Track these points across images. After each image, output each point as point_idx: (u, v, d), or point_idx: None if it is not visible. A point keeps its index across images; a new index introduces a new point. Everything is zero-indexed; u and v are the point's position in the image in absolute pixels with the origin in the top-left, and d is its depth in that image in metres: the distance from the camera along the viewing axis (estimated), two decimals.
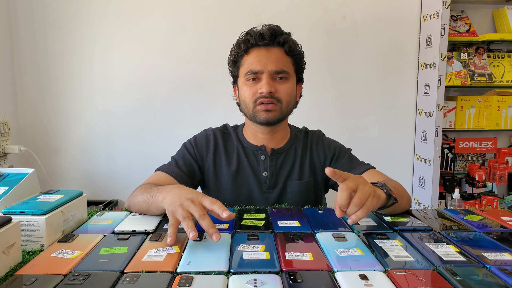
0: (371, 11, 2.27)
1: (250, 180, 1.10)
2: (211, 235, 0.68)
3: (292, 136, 1.16)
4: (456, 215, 0.90)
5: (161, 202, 0.80)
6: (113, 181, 2.30)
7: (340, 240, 0.72)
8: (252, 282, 0.56)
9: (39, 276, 0.58)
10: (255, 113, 1.05)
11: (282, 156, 1.12)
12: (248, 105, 1.06)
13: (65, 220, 0.76)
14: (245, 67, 1.05)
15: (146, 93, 2.26)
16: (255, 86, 1.04)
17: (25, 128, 2.26)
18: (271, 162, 1.10)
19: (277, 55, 1.04)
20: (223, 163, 1.11)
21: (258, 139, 1.12)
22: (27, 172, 0.88)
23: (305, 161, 1.13)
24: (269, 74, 1.03)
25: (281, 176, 1.10)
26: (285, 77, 1.05)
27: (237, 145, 1.13)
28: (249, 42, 1.04)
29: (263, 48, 1.04)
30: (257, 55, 1.04)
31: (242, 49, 1.05)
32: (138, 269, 0.60)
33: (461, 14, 2.29)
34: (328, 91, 2.32)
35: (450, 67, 2.22)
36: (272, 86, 1.02)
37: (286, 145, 1.13)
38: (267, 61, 1.03)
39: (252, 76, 1.04)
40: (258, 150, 1.12)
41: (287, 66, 1.06)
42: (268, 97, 1.02)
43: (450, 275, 0.58)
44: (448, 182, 2.32)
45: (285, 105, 1.06)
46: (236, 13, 2.22)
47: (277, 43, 1.05)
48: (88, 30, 2.21)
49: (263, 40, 1.03)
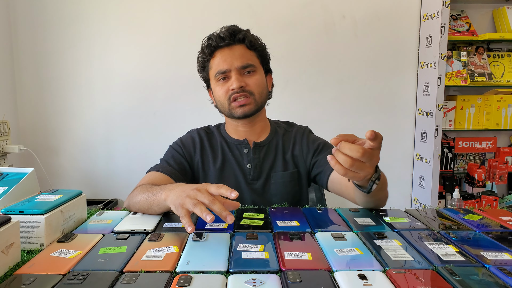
0: (371, 10, 2.27)
1: (236, 172, 1.15)
2: (225, 218, 0.70)
3: (272, 130, 1.21)
4: (456, 214, 0.90)
5: (164, 200, 0.81)
6: (113, 180, 2.30)
7: (339, 239, 0.72)
8: (251, 282, 0.56)
9: (38, 275, 0.58)
10: (231, 110, 1.10)
11: (264, 149, 1.17)
12: (223, 103, 1.11)
13: (64, 220, 0.76)
14: (213, 70, 1.11)
15: (145, 93, 2.26)
16: (226, 85, 1.09)
17: (25, 128, 2.26)
18: (254, 154, 1.15)
19: (240, 52, 1.09)
20: (210, 159, 1.16)
21: (240, 133, 1.17)
22: (26, 172, 0.88)
23: (288, 153, 1.18)
24: (236, 70, 1.08)
25: (265, 167, 1.15)
26: (252, 70, 1.10)
27: (221, 141, 1.18)
28: (212, 46, 1.10)
29: (226, 48, 1.10)
30: (221, 56, 1.09)
31: (207, 53, 1.12)
32: (137, 268, 0.60)
33: (461, 14, 2.29)
34: (327, 90, 2.32)
35: (450, 66, 2.22)
36: (242, 80, 1.08)
37: (268, 139, 1.18)
38: (232, 59, 1.08)
39: (222, 76, 1.09)
40: (241, 144, 1.16)
41: (252, 59, 1.11)
42: (240, 91, 1.07)
43: (449, 275, 0.58)
44: (448, 181, 2.32)
45: (258, 96, 1.10)
46: (236, 13, 2.22)
47: (238, 40, 1.10)
48: (87, 30, 2.21)
49: (224, 41, 1.09)
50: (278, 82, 2.32)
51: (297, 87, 2.30)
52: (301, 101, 2.33)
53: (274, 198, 1.14)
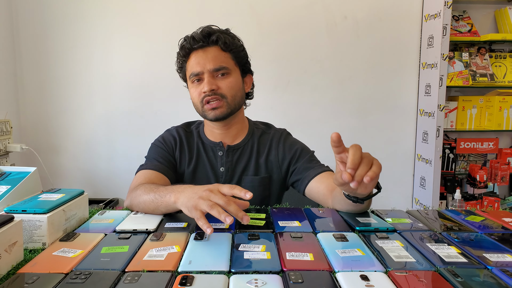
0: (372, 11, 2.27)
1: (209, 174, 1.15)
2: (241, 219, 0.70)
3: (249, 132, 1.19)
4: (457, 216, 0.89)
5: (174, 203, 0.81)
6: (114, 180, 2.30)
7: (341, 240, 0.72)
8: (253, 282, 0.56)
9: (41, 274, 0.58)
10: (204, 112, 1.10)
11: (238, 152, 1.16)
12: (197, 105, 1.11)
13: (67, 219, 0.77)
14: (188, 71, 1.11)
15: (147, 92, 2.26)
16: (199, 87, 1.09)
17: (27, 127, 2.27)
18: (227, 158, 1.15)
19: (213, 54, 1.08)
20: (186, 159, 1.16)
21: (216, 135, 1.17)
22: (29, 171, 0.88)
23: (261, 158, 1.17)
24: (209, 73, 1.07)
25: (237, 171, 1.15)
26: (226, 72, 1.09)
27: (198, 141, 1.18)
28: (186, 48, 1.10)
29: (200, 50, 1.09)
30: (195, 58, 1.09)
31: (182, 55, 1.12)
32: (139, 268, 0.60)
33: (462, 14, 2.28)
34: (328, 91, 2.32)
35: (452, 67, 2.22)
36: (213, 83, 1.07)
37: (243, 142, 1.17)
38: (205, 61, 1.07)
39: (196, 78, 1.09)
40: (216, 146, 1.16)
41: (226, 61, 1.09)
42: (211, 94, 1.07)
43: (451, 276, 0.58)
44: (449, 182, 2.32)
45: (230, 99, 1.09)
46: (237, 13, 2.22)
47: (211, 42, 1.09)
48: (89, 29, 2.21)
49: (197, 43, 1.08)
50: (280, 83, 2.32)
51: (298, 88, 2.30)
52: (302, 101, 2.33)
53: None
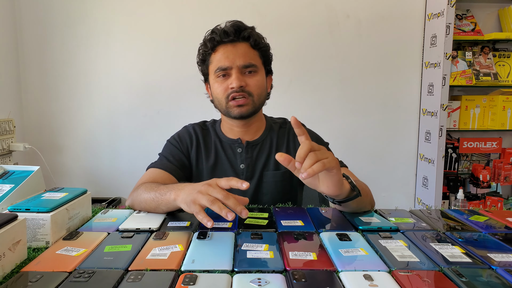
0: (375, 10, 2.26)
1: (228, 173, 1.12)
2: (240, 213, 0.70)
3: (267, 127, 1.18)
4: (461, 215, 0.89)
5: (174, 200, 0.81)
6: (116, 179, 2.31)
7: (344, 240, 0.72)
8: (256, 281, 0.56)
9: (45, 273, 0.58)
10: (228, 108, 1.07)
11: (257, 147, 1.15)
12: (221, 101, 1.08)
13: (70, 218, 0.77)
14: (214, 65, 1.08)
15: (149, 91, 2.27)
16: (225, 82, 1.06)
17: (30, 126, 2.27)
18: (247, 154, 1.13)
19: (243, 50, 1.06)
20: (203, 157, 1.14)
21: (234, 133, 1.15)
22: (32, 170, 0.89)
23: (282, 151, 1.13)
24: (237, 69, 1.05)
25: (258, 167, 1.13)
26: (254, 70, 1.07)
27: (215, 139, 1.16)
28: (215, 40, 1.06)
29: (229, 45, 1.06)
30: (224, 52, 1.06)
31: (209, 47, 1.08)
32: (142, 267, 0.60)
33: (466, 13, 2.27)
34: (331, 90, 2.32)
35: (455, 66, 2.21)
36: (242, 80, 1.05)
37: (261, 137, 1.16)
38: (235, 57, 1.05)
39: (222, 72, 1.06)
40: (234, 143, 1.14)
41: (255, 59, 1.08)
42: (239, 91, 1.04)
43: (455, 276, 0.58)
44: (452, 182, 2.31)
45: (256, 98, 1.08)
46: (240, 12, 2.22)
47: (242, 38, 1.07)
48: (92, 29, 2.21)
49: (228, 37, 1.05)
50: (282, 82, 2.32)
51: (300, 87, 2.30)
52: (305, 100, 2.32)
53: (265, 197, 1.11)
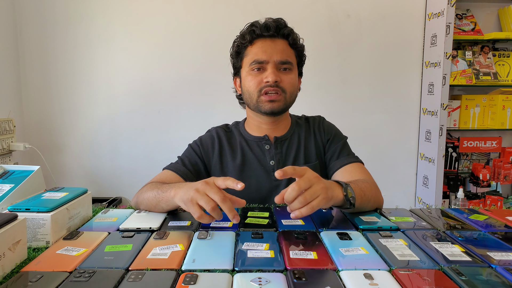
0: (375, 9, 2.26)
1: (258, 171, 1.09)
2: (232, 219, 0.70)
3: (293, 123, 1.17)
4: (461, 214, 0.89)
5: (173, 198, 0.81)
6: (117, 178, 2.31)
7: (344, 239, 0.72)
8: (257, 281, 0.56)
9: (45, 273, 0.58)
10: (259, 103, 1.06)
11: (286, 142, 1.13)
12: (252, 94, 1.06)
13: (70, 217, 0.77)
14: (249, 57, 1.06)
15: (150, 91, 2.26)
16: (260, 76, 1.05)
17: (30, 126, 2.27)
18: (276, 150, 1.11)
19: (282, 46, 1.06)
20: (229, 159, 1.12)
21: (262, 130, 1.13)
22: (32, 170, 0.89)
23: (310, 144, 1.14)
24: (274, 64, 1.04)
25: (288, 162, 1.10)
26: (289, 68, 1.07)
27: (240, 139, 1.14)
28: (255, 33, 1.06)
29: (268, 39, 1.06)
30: (262, 46, 1.05)
31: (247, 39, 1.06)
32: (143, 266, 0.60)
33: (466, 13, 2.27)
34: (331, 89, 2.32)
35: (455, 66, 2.21)
36: (278, 75, 1.04)
37: (289, 132, 1.15)
38: (273, 52, 1.04)
39: (257, 66, 1.05)
40: (261, 140, 1.13)
41: (291, 57, 1.08)
42: (274, 86, 1.03)
43: (455, 274, 0.58)
44: (452, 181, 2.31)
45: (288, 96, 1.07)
46: (240, 11, 2.22)
47: (282, 35, 1.07)
48: (92, 28, 2.21)
49: (269, 31, 1.05)
50: None
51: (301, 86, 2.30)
52: (305, 100, 2.31)
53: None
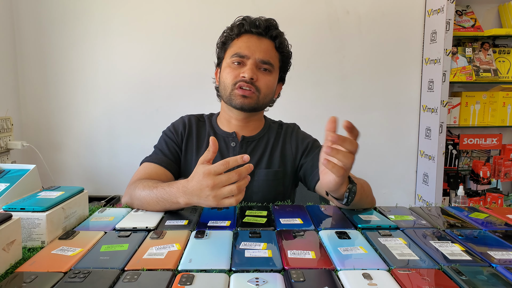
0: (375, 6, 2.25)
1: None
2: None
3: (266, 126, 1.17)
4: (461, 212, 0.88)
5: (186, 205, 0.82)
6: (115, 177, 2.30)
7: (343, 238, 0.71)
8: (254, 281, 0.55)
9: (39, 273, 0.57)
10: (231, 96, 1.06)
11: (252, 144, 1.13)
12: (226, 87, 1.06)
13: (66, 217, 0.76)
14: (232, 50, 1.07)
15: (148, 89, 2.25)
16: (238, 70, 1.05)
17: (28, 124, 2.26)
18: (241, 149, 1.10)
19: (266, 46, 1.06)
20: (194, 149, 1.12)
21: (231, 126, 1.13)
22: (28, 169, 0.88)
23: (276, 151, 1.13)
24: (254, 61, 1.04)
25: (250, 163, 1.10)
26: (269, 69, 1.06)
27: (209, 131, 1.14)
28: (243, 27, 1.06)
29: (255, 36, 1.06)
30: (247, 41, 1.05)
31: (235, 32, 1.07)
32: (139, 266, 0.59)
33: (466, 9, 2.26)
34: (331, 86, 2.30)
35: (455, 62, 2.20)
36: (255, 73, 1.04)
37: (258, 134, 1.14)
38: (256, 49, 1.04)
39: (238, 59, 1.05)
40: (229, 136, 1.12)
41: (274, 60, 1.07)
42: (249, 82, 1.03)
43: (455, 274, 0.57)
44: (452, 178, 2.31)
45: (262, 96, 1.06)
46: (239, 8, 2.20)
47: (270, 36, 1.07)
48: (90, 26, 2.20)
49: (257, 29, 1.05)
50: None
51: (300, 83, 2.29)
52: (305, 97, 2.31)
53: (255, 196, 1.07)
